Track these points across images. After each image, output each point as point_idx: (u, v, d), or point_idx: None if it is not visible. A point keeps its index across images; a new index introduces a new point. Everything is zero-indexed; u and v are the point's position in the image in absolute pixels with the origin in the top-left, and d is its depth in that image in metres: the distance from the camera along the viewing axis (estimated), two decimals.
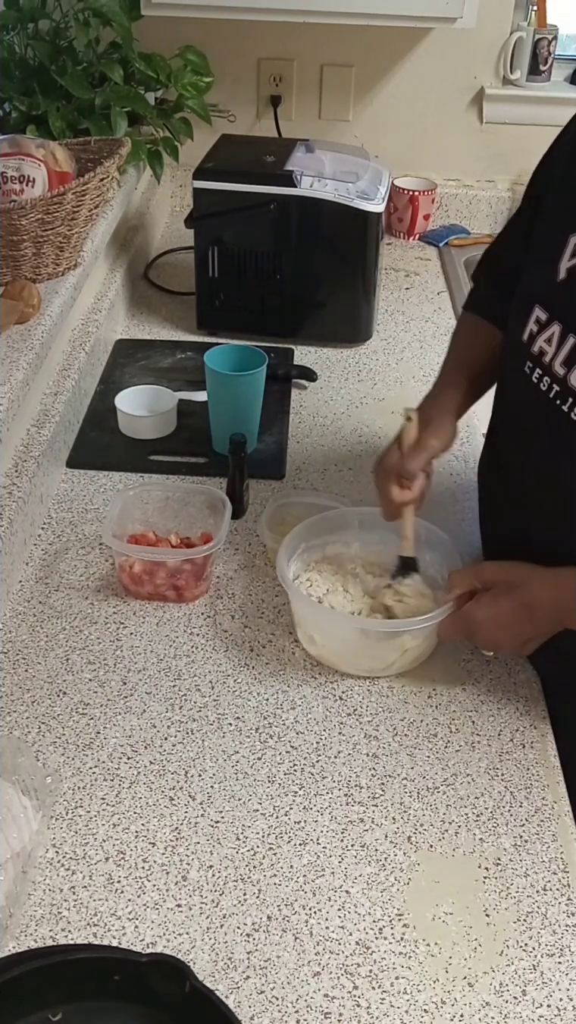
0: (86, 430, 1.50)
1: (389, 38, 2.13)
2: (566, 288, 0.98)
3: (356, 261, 1.70)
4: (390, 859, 0.91)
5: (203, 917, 0.86)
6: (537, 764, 1.01)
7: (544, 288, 1.01)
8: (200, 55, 1.86)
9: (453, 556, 1.12)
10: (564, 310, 0.98)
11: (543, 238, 1.03)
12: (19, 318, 1.31)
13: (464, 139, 2.27)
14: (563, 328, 0.98)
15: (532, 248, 1.05)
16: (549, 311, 1.00)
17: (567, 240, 0.97)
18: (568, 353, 0.97)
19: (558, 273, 0.98)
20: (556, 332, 0.99)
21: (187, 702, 1.06)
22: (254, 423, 1.45)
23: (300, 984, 0.81)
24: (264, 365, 1.40)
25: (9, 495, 1.20)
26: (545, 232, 1.03)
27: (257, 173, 1.66)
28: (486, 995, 0.81)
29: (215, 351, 1.43)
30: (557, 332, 0.98)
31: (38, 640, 1.13)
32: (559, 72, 2.24)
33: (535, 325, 1.01)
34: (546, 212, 1.05)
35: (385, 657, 1.08)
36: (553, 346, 0.99)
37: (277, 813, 0.95)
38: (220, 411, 1.43)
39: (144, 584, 1.18)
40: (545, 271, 1.00)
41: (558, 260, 0.98)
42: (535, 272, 1.03)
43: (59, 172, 1.42)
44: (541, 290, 1.01)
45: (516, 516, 1.11)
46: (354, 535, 1.19)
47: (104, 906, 0.86)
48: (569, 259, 0.97)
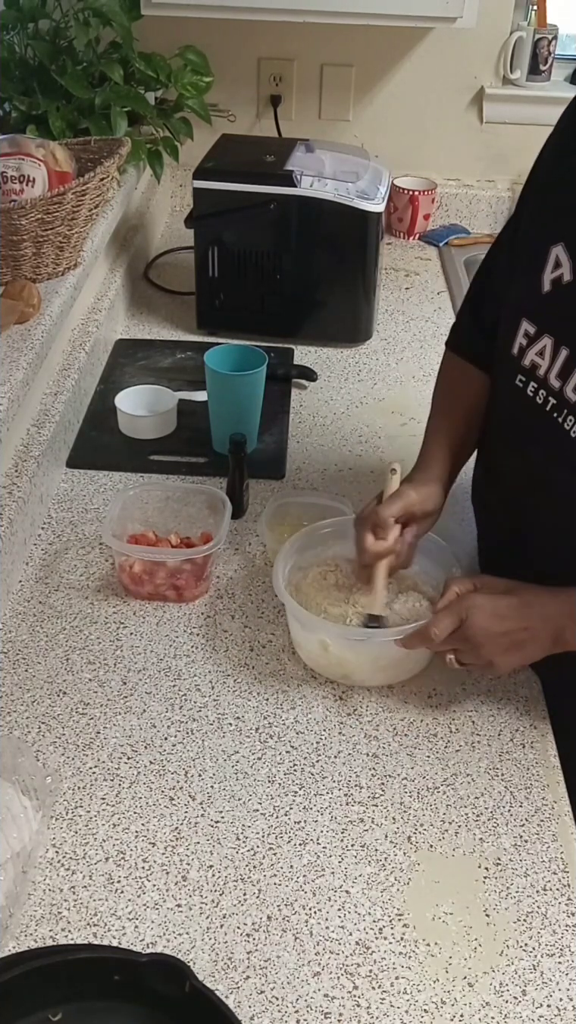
0: (86, 430, 1.50)
1: (389, 38, 2.13)
2: (551, 301, 0.98)
3: (356, 261, 1.70)
4: (390, 859, 0.91)
5: (203, 917, 0.86)
6: (537, 764, 1.01)
7: (529, 301, 1.00)
8: (200, 55, 1.86)
9: (451, 563, 1.11)
10: (551, 323, 0.98)
11: (526, 250, 1.02)
12: (19, 318, 1.31)
13: (464, 139, 2.27)
14: (555, 341, 0.97)
15: (516, 260, 1.05)
16: (536, 324, 0.99)
17: (549, 252, 0.96)
18: (562, 365, 0.96)
19: (542, 286, 0.98)
20: (548, 345, 0.98)
21: (187, 702, 1.06)
22: (254, 423, 1.45)
23: (300, 984, 0.81)
24: (264, 365, 1.40)
25: (9, 495, 1.20)
26: (527, 244, 1.02)
27: (257, 173, 1.66)
28: (486, 995, 0.81)
29: (215, 351, 1.43)
30: (549, 345, 0.98)
31: (38, 640, 1.13)
32: (559, 72, 2.24)
33: (524, 339, 1.01)
34: (528, 224, 1.05)
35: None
36: (546, 359, 0.98)
37: (277, 813, 0.95)
38: (220, 411, 1.43)
39: (144, 584, 1.18)
40: (530, 284, 0.99)
41: (541, 272, 0.98)
42: (520, 285, 1.03)
43: (59, 172, 1.42)
44: (527, 303, 1.01)
45: (512, 527, 1.11)
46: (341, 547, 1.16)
47: (104, 906, 0.86)
48: (552, 271, 0.97)
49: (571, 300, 0.96)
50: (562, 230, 0.96)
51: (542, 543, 1.06)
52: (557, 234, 0.96)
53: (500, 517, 1.15)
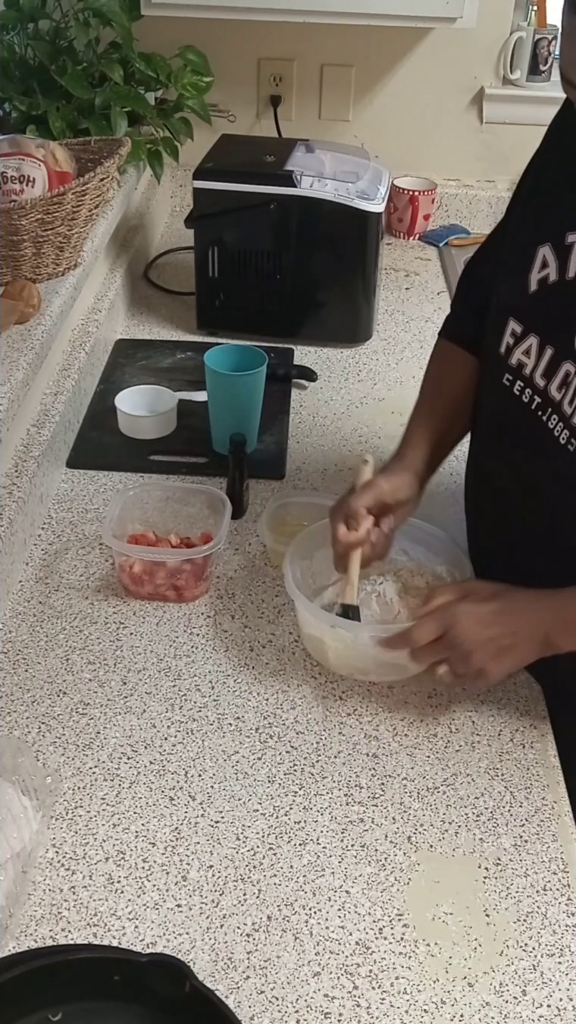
0: (86, 430, 1.50)
1: (389, 38, 2.13)
2: (537, 301, 0.98)
3: (356, 261, 1.70)
4: (390, 859, 0.91)
5: (203, 917, 0.86)
6: (537, 764, 1.01)
7: (516, 300, 1.01)
8: (200, 55, 1.87)
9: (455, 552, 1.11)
10: (537, 323, 0.98)
11: (513, 250, 1.02)
12: (19, 318, 1.31)
13: (464, 139, 2.27)
14: (540, 340, 0.98)
15: (503, 260, 1.05)
16: (523, 323, 1.00)
17: (535, 252, 0.97)
18: (547, 364, 0.97)
19: (529, 285, 0.98)
20: (534, 344, 0.99)
21: (187, 702, 1.06)
22: (254, 423, 1.45)
23: (300, 984, 0.81)
24: (264, 365, 1.40)
25: (9, 495, 1.20)
26: (514, 244, 1.03)
27: (257, 173, 1.66)
28: (486, 995, 0.81)
29: (215, 351, 1.43)
30: (535, 344, 0.98)
31: (38, 640, 1.13)
32: (559, 72, 2.23)
33: (511, 338, 1.01)
34: (516, 224, 1.05)
35: None
36: (532, 358, 0.99)
37: (277, 813, 0.95)
38: (220, 411, 1.43)
39: (144, 584, 1.18)
40: (516, 283, 1.00)
41: (528, 272, 0.98)
42: (507, 284, 1.03)
43: (59, 172, 1.42)
44: (514, 302, 1.01)
45: (502, 526, 1.11)
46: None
47: (104, 906, 0.86)
48: (539, 271, 0.97)
49: (557, 300, 0.96)
50: (548, 230, 0.96)
51: (530, 543, 1.06)
52: (544, 234, 0.97)
53: (489, 518, 1.15)
